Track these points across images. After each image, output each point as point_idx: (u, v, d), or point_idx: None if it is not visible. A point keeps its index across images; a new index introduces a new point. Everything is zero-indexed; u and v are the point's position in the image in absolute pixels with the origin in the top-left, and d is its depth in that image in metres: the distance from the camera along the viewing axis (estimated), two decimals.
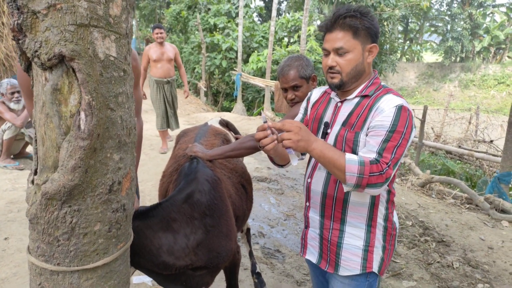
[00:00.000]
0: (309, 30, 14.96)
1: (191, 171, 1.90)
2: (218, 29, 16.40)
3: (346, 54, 1.40)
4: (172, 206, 1.66)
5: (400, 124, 1.31)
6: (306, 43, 12.23)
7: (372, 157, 1.30)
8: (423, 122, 6.11)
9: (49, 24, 1.01)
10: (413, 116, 1.38)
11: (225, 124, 2.96)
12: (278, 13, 29.21)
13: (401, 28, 33.22)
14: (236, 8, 16.85)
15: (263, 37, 16.16)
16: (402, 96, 1.43)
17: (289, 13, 22.30)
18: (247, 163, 4.62)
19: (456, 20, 31.51)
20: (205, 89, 14.51)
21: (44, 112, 1.11)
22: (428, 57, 36.76)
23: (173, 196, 1.73)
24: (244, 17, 15.65)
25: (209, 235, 1.70)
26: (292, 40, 16.61)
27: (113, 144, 1.17)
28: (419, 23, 34.52)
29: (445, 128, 9.25)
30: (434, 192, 4.94)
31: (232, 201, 2.02)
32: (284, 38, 17.02)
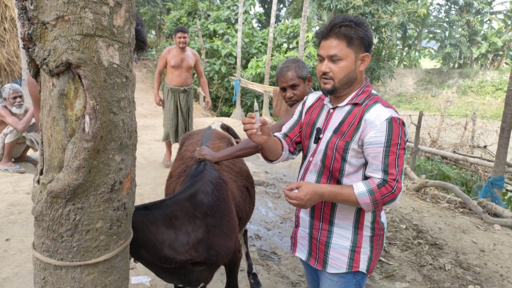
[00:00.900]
0: (307, 37, 15.11)
1: (198, 172, 1.98)
2: (217, 35, 16.55)
3: (339, 62, 1.48)
4: (175, 204, 1.73)
5: (394, 136, 1.40)
6: (305, 49, 12.36)
7: (379, 177, 1.41)
8: (418, 127, 6.19)
9: (57, 34, 1.09)
10: (403, 122, 1.45)
11: (226, 129, 3.03)
12: (277, 19, 29.44)
13: (399, 35, 33.48)
14: (236, 14, 17.02)
15: (262, 43, 16.31)
16: (390, 104, 1.50)
17: (288, 20, 22.49)
18: None
19: (454, 26, 31.77)
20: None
21: (51, 115, 1.18)
22: (427, 63, 37.00)
23: (177, 194, 1.80)
24: (243, 23, 15.81)
25: (209, 234, 1.76)
26: (291, 46, 16.76)
27: (115, 146, 1.25)
28: (418, 29, 34.78)
29: (442, 134, 9.35)
30: (428, 196, 5.01)
31: (236, 203, 2.08)
32: (283, 44, 17.18)
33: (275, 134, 1.78)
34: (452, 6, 32.41)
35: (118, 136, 1.25)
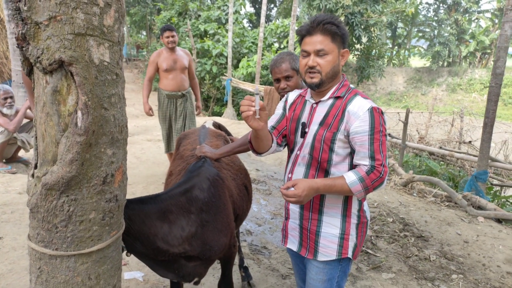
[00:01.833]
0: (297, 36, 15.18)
1: (195, 168, 2.03)
2: (208, 35, 16.57)
3: (325, 56, 1.58)
4: (170, 198, 1.77)
5: (376, 124, 1.52)
6: (295, 48, 12.45)
7: (367, 163, 1.52)
8: (405, 124, 6.31)
9: (50, 33, 1.15)
10: (382, 111, 1.57)
11: (218, 127, 3.09)
12: (268, 19, 29.53)
13: (389, 34, 33.78)
14: (226, 14, 17.06)
15: (253, 43, 16.37)
16: (367, 96, 1.62)
17: (278, 20, 22.59)
18: None
19: (442, 25, 32.14)
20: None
21: (44, 111, 1.24)
22: (416, 62, 37.37)
23: (172, 189, 1.84)
24: (234, 23, 15.85)
25: (204, 229, 1.80)
26: (281, 46, 16.85)
27: (106, 140, 1.31)
28: (407, 28, 35.13)
29: (430, 131, 9.51)
30: (415, 191, 5.13)
31: (234, 200, 2.13)
32: (274, 43, 17.26)
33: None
34: (441, 5, 32.79)
35: (109, 131, 1.31)
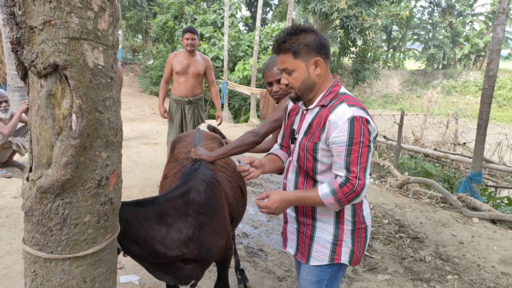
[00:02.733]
0: None
1: (191, 171, 2.03)
2: (204, 39, 16.61)
3: (292, 73, 1.58)
4: (167, 201, 1.78)
5: (355, 135, 1.45)
6: None
7: (343, 174, 1.48)
8: (400, 126, 6.35)
9: (44, 37, 1.16)
10: (367, 120, 1.48)
11: (213, 130, 3.10)
12: (264, 22, 29.63)
13: (384, 37, 34.00)
14: (222, 18, 17.12)
15: (248, 46, 16.43)
16: (357, 102, 1.54)
17: (274, 23, 22.67)
18: None
19: (437, 28, 32.42)
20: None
21: (39, 115, 1.25)
22: (411, 64, 37.62)
23: (170, 192, 1.85)
24: (229, 27, 15.90)
25: (201, 231, 1.81)
26: None
27: (101, 143, 1.32)
28: (402, 31, 35.38)
29: (425, 132, 9.58)
30: (410, 192, 5.16)
31: (229, 202, 2.13)
32: (269, 47, 17.31)
33: (273, 151, 1.89)
34: (435, 8, 33.08)
35: (104, 134, 1.32)
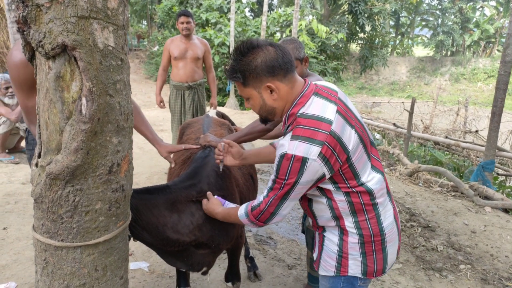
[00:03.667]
0: (300, 25, 15.05)
1: (201, 158, 1.99)
2: (210, 24, 16.40)
3: (249, 100, 1.47)
4: (179, 190, 1.74)
5: (281, 172, 1.34)
6: (298, 37, 12.32)
7: (261, 197, 1.48)
8: (411, 114, 6.24)
9: (52, 16, 1.09)
10: (304, 159, 1.29)
11: (221, 116, 3.04)
12: (270, 8, 29.21)
13: (392, 23, 33.43)
14: (228, 3, 16.87)
15: (255, 32, 16.20)
16: (309, 130, 1.31)
17: (281, 8, 22.34)
18: None
19: (446, 14, 31.79)
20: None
21: (47, 98, 1.19)
22: (419, 51, 37.06)
23: (180, 181, 1.81)
24: (236, 12, 15.67)
25: (211, 219, 1.77)
26: (284, 35, 16.68)
27: (112, 128, 1.27)
28: (410, 17, 34.75)
29: (434, 120, 9.44)
30: (421, 181, 5.09)
31: (240, 190, 2.09)
32: (276, 33, 17.09)
33: (274, 142, 1.83)
34: None
35: (114, 119, 1.27)
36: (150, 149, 5.83)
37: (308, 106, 1.38)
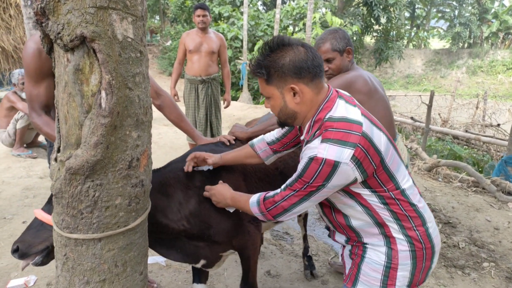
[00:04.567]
0: (314, 18, 14.85)
1: (203, 147, 1.98)
2: (223, 18, 16.35)
3: (269, 100, 1.39)
4: (169, 172, 1.77)
5: (306, 175, 1.27)
6: (312, 30, 12.16)
7: (279, 189, 1.39)
8: (429, 107, 6.09)
9: (70, 7, 1.07)
10: (335, 164, 1.22)
11: None
12: (282, 1, 28.96)
13: (408, 14, 32.77)
14: None
15: (268, 25, 16.09)
16: (341, 133, 1.24)
17: (294, 1, 22.10)
18: None
19: (463, 5, 30.99)
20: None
21: (66, 91, 1.17)
22: (435, 43, 36.28)
23: (173, 163, 1.84)
24: (248, 5, 15.57)
25: (201, 206, 1.72)
26: (297, 29, 16.51)
27: (131, 122, 1.24)
28: (426, 9, 34.02)
29: (453, 114, 9.22)
30: (440, 176, 4.97)
31: (244, 184, 1.97)
32: (289, 26, 16.93)
33: (255, 144, 1.76)
34: None
35: (134, 112, 1.24)
36: (164, 144, 5.85)
37: (335, 109, 1.32)
